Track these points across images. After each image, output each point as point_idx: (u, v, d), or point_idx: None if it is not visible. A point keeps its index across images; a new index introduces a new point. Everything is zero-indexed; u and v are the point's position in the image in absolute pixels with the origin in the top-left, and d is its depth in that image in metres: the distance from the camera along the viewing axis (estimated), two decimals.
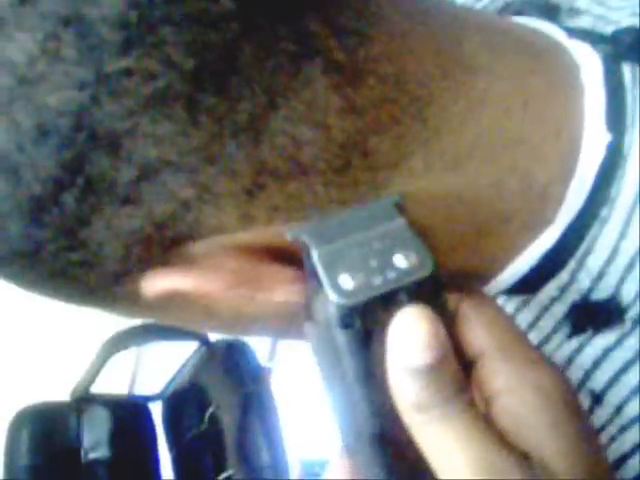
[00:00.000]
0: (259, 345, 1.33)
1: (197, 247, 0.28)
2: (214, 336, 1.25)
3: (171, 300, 0.29)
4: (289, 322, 0.34)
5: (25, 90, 0.24)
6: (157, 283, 0.28)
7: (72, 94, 0.24)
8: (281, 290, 0.29)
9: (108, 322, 1.07)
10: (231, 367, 1.22)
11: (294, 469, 1.53)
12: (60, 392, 1.15)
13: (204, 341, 1.24)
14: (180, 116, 0.25)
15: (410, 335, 0.27)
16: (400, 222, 0.28)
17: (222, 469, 1.15)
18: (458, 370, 0.29)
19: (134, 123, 0.24)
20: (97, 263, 0.28)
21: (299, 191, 0.27)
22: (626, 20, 0.37)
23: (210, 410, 1.20)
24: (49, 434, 1.12)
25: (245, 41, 0.25)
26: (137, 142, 0.25)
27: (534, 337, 0.37)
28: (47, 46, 0.23)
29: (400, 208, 0.29)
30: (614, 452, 0.35)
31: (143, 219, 0.26)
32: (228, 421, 1.17)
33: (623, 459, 0.34)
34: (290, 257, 0.29)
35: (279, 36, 0.25)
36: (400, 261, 0.28)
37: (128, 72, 0.24)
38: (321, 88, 0.26)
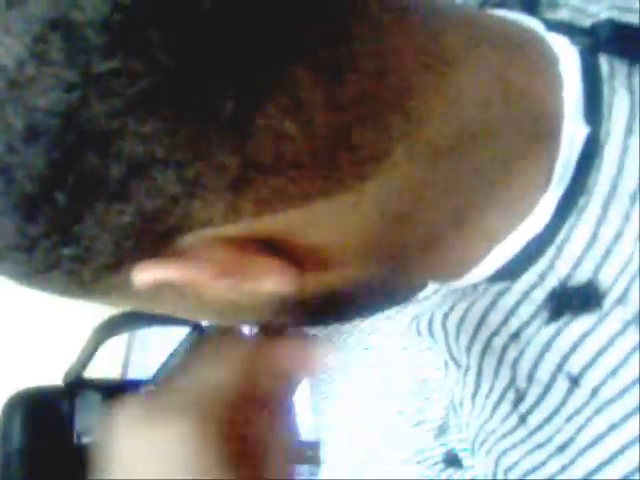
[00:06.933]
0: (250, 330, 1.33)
1: (186, 239, 0.29)
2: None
3: (162, 291, 0.30)
4: (278, 312, 0.35)
5: (15, 93, 0.24)
6: (147, 274, 0.29)
7: (61, 96, 0.24)
8: (268, 280, 0.30)
9: (101, 307, 1.07)
10: None
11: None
12: (53, 377, 1.15)
13: (196, 326, 1.24)
14: (166, 114, 0.25)
15: None
16: None
17: None
18: None
19: (122, 122, 0.25)
20: (90, 257, 0.28)
21: (285, 184, 0.28)
22: (604, 13, 0.37)
23: None
24: (42, 419, 1.12)
25: (228, 41, 0.25)
26: (125, 140, 0.25)
27: (514, 322, 0.38)
28: (35, 49, 0.24)
29: None
30: (589, 434, 0.36)
31: (133, 214, 0.27)
32: None
33: (598, 440, 0.35)
34: (277, 248, 0.30)
35: (263, 35, 0.25)
36: None
37: (114, 73, 0.24)
38: (305, 85, 0.26)
